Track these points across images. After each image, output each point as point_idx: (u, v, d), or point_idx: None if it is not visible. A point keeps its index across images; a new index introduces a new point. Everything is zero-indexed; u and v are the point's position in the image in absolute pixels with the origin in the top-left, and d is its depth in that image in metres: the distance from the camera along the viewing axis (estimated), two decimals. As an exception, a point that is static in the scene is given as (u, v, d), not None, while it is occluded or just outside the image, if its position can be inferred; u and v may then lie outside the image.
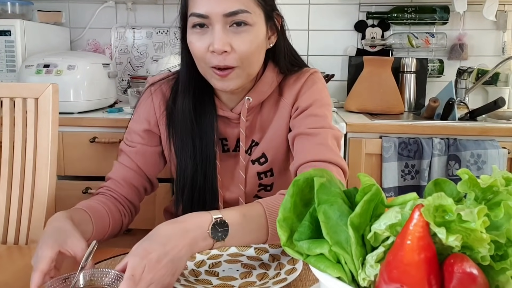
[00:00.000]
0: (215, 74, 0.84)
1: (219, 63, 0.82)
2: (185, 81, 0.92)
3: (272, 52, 0.93)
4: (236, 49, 0.82)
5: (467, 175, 0.42)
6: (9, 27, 1.76)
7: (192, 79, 0.92)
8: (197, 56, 0.85)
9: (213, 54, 0.82)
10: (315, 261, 0.42)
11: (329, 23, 2.16)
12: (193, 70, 0.90)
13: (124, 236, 1.59)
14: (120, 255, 0.78)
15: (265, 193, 0.97)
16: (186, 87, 0.92)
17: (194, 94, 0.92)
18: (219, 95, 0.94)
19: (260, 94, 0.93)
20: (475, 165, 1.52)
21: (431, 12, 2.07)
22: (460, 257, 0.36)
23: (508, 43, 2.12)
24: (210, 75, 0.86)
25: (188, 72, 0.92)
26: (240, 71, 0.85)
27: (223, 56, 0.82)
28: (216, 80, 0.86)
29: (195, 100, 0.92)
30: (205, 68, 0.85)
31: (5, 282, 0.71)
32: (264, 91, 0.93)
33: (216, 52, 0.81)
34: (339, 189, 0.46)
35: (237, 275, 0.71)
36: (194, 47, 0.84)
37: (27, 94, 0.96)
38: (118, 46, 2.21)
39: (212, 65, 0.83)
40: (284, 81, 0.96)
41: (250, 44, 0.83)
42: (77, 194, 1.56)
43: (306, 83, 0.94)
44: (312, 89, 0.93)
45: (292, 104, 0.94)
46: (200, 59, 0.85)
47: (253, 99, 0.92)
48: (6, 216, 0.95)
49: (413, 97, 2.05)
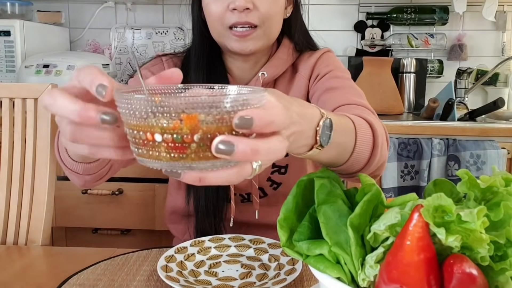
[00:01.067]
0: (233, 35, 0.81)
1: (239, 19, 0.79)
2: (198, 53, 0.89)
3: (288, 26, 0.92)
4: (258, 6, 0.80)
5: (467, 176, 0.42)
6: (8, 28, 1.76)
7: (205, 52, 0.89)
8: (215, 17, 0.82)
9: (233, 12, 0.79)
10: (315, 261, 0.42)
11: (328, 23, 2.16)
12: (206, 42, 0.88)
13: (123, 236, 1.60)
14: (120, 255, 0.78)
15: (278, 175, 0.94)
16: (199, 59, 0.89)
17: (208, 69, 0.89)
18: (231, 71, 0.92)
19: (275, 69, 0.90)
20: (474, 166, 1.52)
21: (431, 13, 2.07)
22: (460, 258, 0.36)
23: (508, 44, 2.12)
24: (228, 37, 0.82)
25: (201, 44, 0.89)
26: (261, 32, 0.82)
27: (245, 13, 0.79)
28: (234, 41, 0.82)
29: (208, 75, 0.89)
30: (222, 30, 0.82)
31: (5, 283, 0.70)
32: (279, 65, 0.91)
33: (237, 9, 0.78)
34: (339, 189, 0.46)
35: (236, 275, 0.71)
36: (212, 8, 0.81)
37: (27, 95, 0.96)
38: (117, 47, 2.21)
39: (230, 23, 0.80)
40: (298, 59, 0.94)
41: (272, 4, 0.81)
42: (76, 194, 1.56)
43: (322, 57, 0.93)
44: (329, 60, 0.92)
45: (308, 77, 0.92)
46: (217, 20, 0.81)
47: (267, 74, 0.89)
48: (5, 216, 0.95)
49: (413, 97, 2.05)
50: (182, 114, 0.34)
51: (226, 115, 0.35)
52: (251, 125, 0.35)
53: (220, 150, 0.34)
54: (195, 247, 0.79)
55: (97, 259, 0.76)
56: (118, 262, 0.76)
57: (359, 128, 0.60)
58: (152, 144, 0.35)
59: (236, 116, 0.35)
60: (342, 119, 0.58)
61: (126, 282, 0.69)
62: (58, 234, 1.63)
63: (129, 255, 0.78)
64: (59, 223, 1.58)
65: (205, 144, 0.35)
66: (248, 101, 0.36)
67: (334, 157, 0.58)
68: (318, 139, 0.49)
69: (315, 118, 0.49)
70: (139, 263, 0.76)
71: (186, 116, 0.34)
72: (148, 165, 0.37)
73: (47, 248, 0.91)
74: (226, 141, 0.34)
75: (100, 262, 0.76)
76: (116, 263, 0.75)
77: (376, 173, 0.68)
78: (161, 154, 0.35)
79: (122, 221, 1.58)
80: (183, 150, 0.35)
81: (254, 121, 0.35)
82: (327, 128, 0.51)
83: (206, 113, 0.34)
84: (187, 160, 0.35)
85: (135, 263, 0.76)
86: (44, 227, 0.94)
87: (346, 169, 0.62)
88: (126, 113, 0.36)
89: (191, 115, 0.34)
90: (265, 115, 0.36)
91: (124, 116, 0.36)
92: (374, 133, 0.63)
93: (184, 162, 0.35)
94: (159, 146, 0.35)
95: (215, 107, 0.34)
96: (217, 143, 0.34)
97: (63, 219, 1.58)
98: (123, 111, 0.36)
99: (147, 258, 0.77)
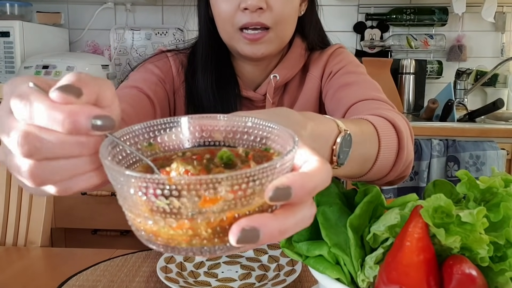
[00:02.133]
0: (244, 38, 0.76)
1: (251, 20, 0.74)
2: (205, 54, 0.84)
3: (301, 24, 0.86)
4: (272, 6, 0.74)
5: (466, 177, 0.42)
6: (8, 28, 1.76)
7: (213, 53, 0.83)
8: (224, 17, 0.76)
9: (245, 12, 0.74)
10: (314, 262, 0.41)
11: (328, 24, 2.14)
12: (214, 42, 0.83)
13: (123, 237, 1.60)
14: (119, 256, 0.78)
15: None
16: (207, 61, 0.84)
17: (216, 72, 0.83)
18: (240, 74, 0.86)
19: (287, 71, 0.85)
20: (474, 166, 1.52)
21: (430, 14, 2.07)
22: (459, 259, 0.36)
23: (507, 45, 2.13)
24: (238, 39, 0.77)
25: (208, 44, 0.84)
26: (273, 35, 0.77)
27: (258, 13, 0.74)
28: (244, 45, 0.77)
29: (217, 80, 0.83)
30: (232, 32, 0.77)
31: (4, 284, 0.70)
32: (291, 68, 0.85)
33: (249, 8, 0.73)
34: (338, 190, 0.46)
35: (236, 276, 0.71)
36: (221, 7, 0.76)
37: (26, 95, 0.96)
38: (117, 47, 2.21)
39: (241, 24, 0.75)
40: (309, 58, 0.89)
41: (287, 3, 0.76)
42: (75, 195, 1.56)
43: (333, 54, 0.88)
44: (341, 56, 0.87)
45: (320, 76, 0.87)
46: (226, 20, 0.76)
47: (280, 76, 0.83)
48: (4, 217, 0.94)
49: (412, 98, 2.05)
50: (201, 198, 0.26)
51: (257, 188, 0.26)
52: (290, 196, 0.26)
53: (242, 239, 0.26)
54: (194, 248, 0.79)
55: (96, 260, 0.76)
56: (117, 263, 0.76)
57: (381, 132, 0.55)
58: (162, 230, 0.27)
59: (271, 188, 0.26)
60: (363, 126, 0.54)
61: (126, 283, 0.69)
62: (57, 235, 1.63)
63: (129, 256, 0.78)
64: (58, 224, 1.58)
65: (224, 227, 0.27)
66: (287, 166, 0.28)
67: (355, 169, 0.53)
68: (335, 159, 0.45)
69: (331, 136, 0.44)
70: (138, 264, 0.75)
71: (205, 202, 0.26)
72: (151, 247, 0.29)
73: (46, 249, 0.91)
74: (249, 227, 0.26)
75: (99, 263, 0.76)
76: (116, 264, 0.75)
77: (403, 174, 0.62)
78: (176, 240, 0.28)
79: (121, 222, 1.57)
80: (199, 237, 0.27)
81: (293, 190, 0.26)
82: (346, 144, 0.46)
83: (227, 196, 0.26)
84: (202, 245, 0.27)
85: (134, 264, 0.75)
86: (43, 228, 0.94)
87: (370, 177, 0.57)
88: (124, 191, 0.27)
89: (211, 200, 0.26)
90: (306, 183, 0.27)
91: (121, 193, 0.28)
92: (399, 134, 0.58)
93: (198, 247, 0.28)
94: (173, 233, 0.27)
95: (245, 183, 0.26)
96: (238, 230, 0.26)
97: (62, 220, 1.58)
98: (119, 187, 0.27)
99: (146, 259, 0.77)
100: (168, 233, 0.27)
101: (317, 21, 0.90)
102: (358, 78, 0.81)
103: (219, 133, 0.32)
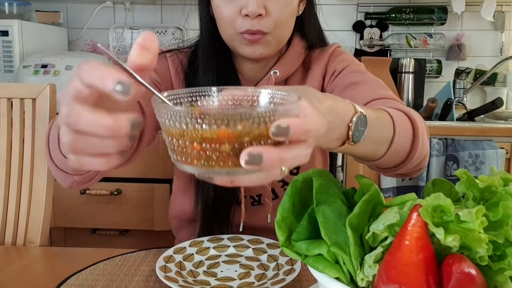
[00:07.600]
0: (244, 40, 0.79)
1: (251, 27, 0.77)
2: (206, 53, 0.86)
3: (300, 23, 0.89)
4: (271, 12, 0.77)
5: (465, 176, 0.42)
6: (6, 27, 1.75)
7: (215, 52, 0.86)
8: (226, 21, 0.79)
9: (245, 18, 0.77)
10: (314, 261, 0.42)
11: (327, 23, 2.14)
12: (215, 41, 0.84)
13: (122, 236, 1.60)
14: (119, 255, 0.78)
15: (290, 176, 0.90)
16: (208, 59, 0.86)
17: (217, 70, 0.86)
18: (241, 70, 0.89)
19: (286, 67, 0.88)
20: (473, 166, 1.52)
21: (429, 13, 2.07)
22: (459, 258, 0.36)
23: (506, 44, 2.13)
24: (239, 41, 0.80)
25: (210, 43, 0.86)
26: (271, 38, 0.80)
27: (257, 20, 0.77)
28: (244, 46, 0.80)
29: (218, 75, 0.86)
30: (233, 34, 0.80)
31: (3, 283, 0.70)
32: (291, 64, 0.88)
33: (250, 15, 0.76)
34: (337, 189, 0.46)
35: (235, 275, 0.71)
36: (223, 11, 0.78)
37: (25, 95, 0.96)
38: (116, 47, 2.20)
39: (242, 30, 0.78)
40: (309, 56, 0.92)
41: (285, 7, 0.78)
42: (75, 195, 1.56)
43: (333, 53, 0.91)
44: (342, 56, 0.90)
45: (322, 74, 0.89)
46: (228, 24, 0.79)
47: (280, 73, 0.86)
48: (3, 216, 0.94)
49: (411, 97, 2.05)
50: (221, 127, 0.35)
51: (262, 125, 0.36)
52: (288, 133, 0.36)
53: (249, 161, 0.35)
54: (194, 247, 0.79)
55: (95, 260, 0.76)
56: (116, 262, 0.76)
57: (396, 120, 0.60)
58: (190, 152, 0.36)
59: (273, 125, 0.35)
60: (378, 113, 0.58)
61: (125, 282, 0.69)
62: (57, 234, 1.63)
63: (128, 256, 0.78)
64: (57, 224, 1.58)
65: (239, 153, 0.36)
66: (288, 112, 0.36)
67: (370, 151, 0.58)
68: (351, 135, 0.50)
69: (348, 114, 0.49)
70: (137, 263, 0.75)
71: (224, 129, 0.35)
72: (183, 169, 0.38)
73: (45, 248, 0.91)
74: (254, 152, 0.35)
75: (98, 262, 0.76)
76: (115, 264, 0.75)
77: (419, 167, 0.67)
78: (199, 161, 0.36)
79: (120, 221, 1.58)
80: (219, 159, 0.36)
81: (291, 129, 0.36)
82: (362, 123, 0.51)
83: (243, 125, 0.35)
84: (222, 167, 0.36)
85: (133, 263, 0.75)
86: (43, 227, 0.94)
87: (385, 162, 0.62)
88: (165, 123, 0.37)
89: (228, 129, 0.35)
90: (302, 125, 0.36)
91: (164, 125, 0.37)
92: (414, 124, 0.62)
93: (219, 169, 0.36)
94: (196, 154, 0.36)
95: (252, 119, 0.35)
96: (246, 154, 0.35)
97: (62, 220, 1.58)
98: (163, 120, 0.37)
99: (145, 259, 0.77)
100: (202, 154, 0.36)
101: (315, 19, 0.93)
102: (364, 77, 0.83)
103: (246, 101, 0.41)
